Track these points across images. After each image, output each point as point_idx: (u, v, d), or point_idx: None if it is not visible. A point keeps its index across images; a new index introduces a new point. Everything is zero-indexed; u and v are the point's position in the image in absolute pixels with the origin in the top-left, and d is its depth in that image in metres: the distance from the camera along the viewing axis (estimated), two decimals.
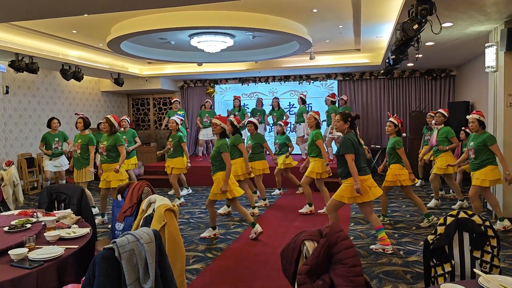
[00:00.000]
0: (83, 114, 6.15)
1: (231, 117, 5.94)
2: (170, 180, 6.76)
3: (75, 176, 6.01)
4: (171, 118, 6.88)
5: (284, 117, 9.39)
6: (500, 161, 4.80)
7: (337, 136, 8.32)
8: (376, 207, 6.00)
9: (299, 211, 6.11)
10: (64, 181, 7.27)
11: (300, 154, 9.43)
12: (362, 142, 4.40)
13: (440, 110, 6.27)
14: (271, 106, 9.64)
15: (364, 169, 4.27)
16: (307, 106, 9.70)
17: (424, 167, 7.97)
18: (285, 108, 10.71)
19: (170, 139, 6.80)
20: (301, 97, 9.11)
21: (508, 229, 4.99)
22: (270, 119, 9.78)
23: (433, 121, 6.57)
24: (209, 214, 4.99)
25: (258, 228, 4.89)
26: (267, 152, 6.81)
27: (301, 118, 8.90)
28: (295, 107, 10.79)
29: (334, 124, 4.36)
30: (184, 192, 7.73)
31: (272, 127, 9.36)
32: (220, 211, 6.18)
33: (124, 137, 7.30)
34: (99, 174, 5.62)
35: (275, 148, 7.21)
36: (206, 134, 9.59)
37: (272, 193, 7.67)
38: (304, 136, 8.94)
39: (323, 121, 8.90)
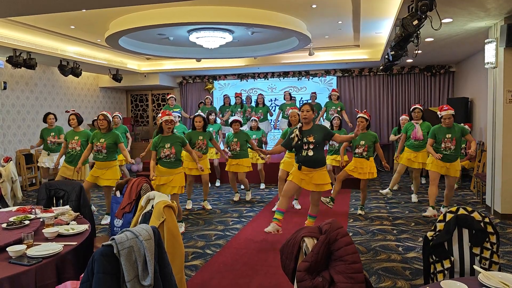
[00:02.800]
0: (74, 110, 6.03)
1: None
2: None
3: (69, 174, 5.77)
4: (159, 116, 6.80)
5: (269, 114, 9.43)
6: (474, 145, 5.16)
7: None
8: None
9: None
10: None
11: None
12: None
13: (418, 106, 6.43)
14: (255, 102, 9.65)
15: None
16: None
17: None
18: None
19: None
20: (289, 93, 9.49)
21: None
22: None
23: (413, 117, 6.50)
24: (179, 209, 5.17)
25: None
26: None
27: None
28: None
29: (306, 114, 4.33)
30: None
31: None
32: (235, 198, 6.64)
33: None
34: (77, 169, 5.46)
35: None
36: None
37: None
38: None
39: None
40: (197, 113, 6.18)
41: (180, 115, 8.14)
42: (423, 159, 6.15)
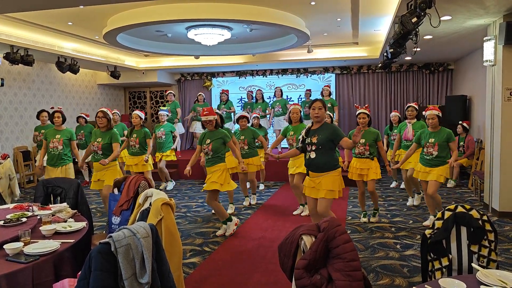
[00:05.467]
0: (60, 108, 5.78)
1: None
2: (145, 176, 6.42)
3: (51, 174, 5.35)
4: (134, 112, 6.34)
5: (267, 110, 9.40)
6: (454, 155, 4.78)
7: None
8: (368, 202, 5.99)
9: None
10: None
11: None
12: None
13: (412, 104, 6.17)
14: (254, 98, 9.62)
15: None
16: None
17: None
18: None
19: (134, 135, 6.24)
20: (280, 89, 9.45)
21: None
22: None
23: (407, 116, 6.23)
24: (216, 210, 4.78)
25: (235, 220, 4.93)
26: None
27: (285, 109, 9.10)
28: (292, 100, 10.79)
29: (318, 112, 3.86)
30: (170, 186, 7.74)
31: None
32: (298, 212, 5.78)
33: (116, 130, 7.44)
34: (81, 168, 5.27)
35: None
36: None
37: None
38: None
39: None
40: None
41: (168, 114, 8.07)
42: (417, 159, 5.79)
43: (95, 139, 4.99)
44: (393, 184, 7.55)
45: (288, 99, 10.82)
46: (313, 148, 3.83)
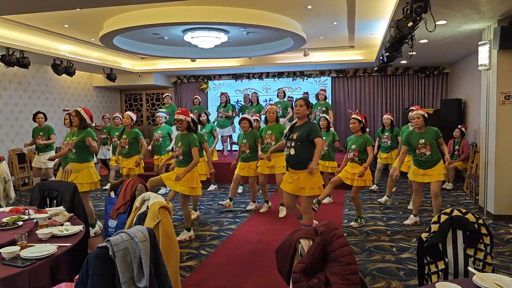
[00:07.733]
0: (69, 110, 5.83)
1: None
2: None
3: (64, 177, 5.29)
4: (126, 113, 6.25)
5: (262, 111, 9.34)
6: (444, 150, 4.85)
7: None
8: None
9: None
10: (52, 178, 7.14)
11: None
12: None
13: (415, 109, 6.20)
14: (250, 101, 9.56)
15: None
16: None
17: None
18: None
19: (124, 136, 6.16)
20: (283, 91, 9.25)
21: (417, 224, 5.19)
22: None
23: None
24: (185, 214, 4.82)
25: (192, 233, 4.90)
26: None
27: (285, 112, 9.02)
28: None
29: (299, 109, 4.07)
30: (162, 191, 7.70)
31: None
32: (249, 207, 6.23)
33: (116, 133, 7.44)
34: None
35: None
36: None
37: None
38: None
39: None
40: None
41: (166, 116, 8.06)
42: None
43: (70, 138, 4.95)
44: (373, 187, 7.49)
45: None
46: (293, 144, 4.06)
